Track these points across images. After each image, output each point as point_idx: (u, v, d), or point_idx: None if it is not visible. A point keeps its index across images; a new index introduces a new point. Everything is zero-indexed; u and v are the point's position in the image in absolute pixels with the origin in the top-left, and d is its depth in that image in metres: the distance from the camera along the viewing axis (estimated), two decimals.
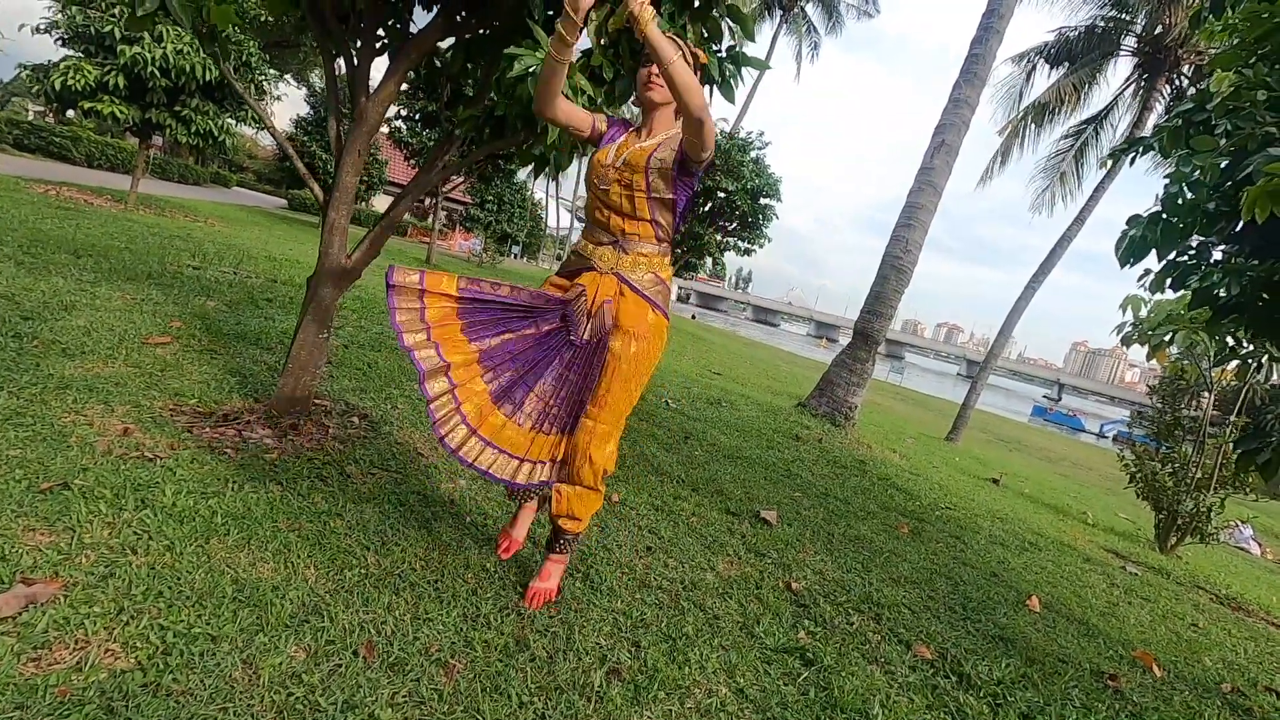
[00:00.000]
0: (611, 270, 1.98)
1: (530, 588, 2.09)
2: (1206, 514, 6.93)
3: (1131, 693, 2.76)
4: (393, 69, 2.70)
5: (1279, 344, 3.07)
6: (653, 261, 2.01)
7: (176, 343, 3.71)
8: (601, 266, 1.99)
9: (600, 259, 2.00)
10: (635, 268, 1.98)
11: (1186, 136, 2.82)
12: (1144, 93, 13.21)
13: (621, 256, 1.99)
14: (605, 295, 1.95)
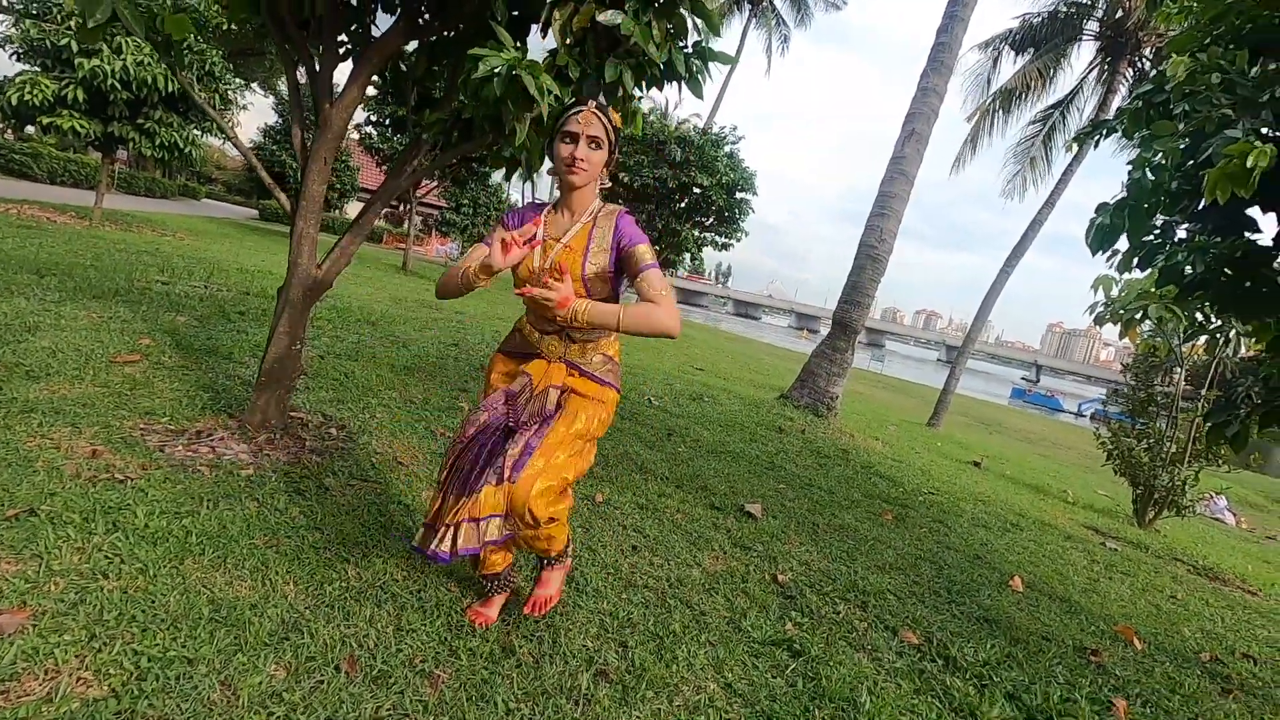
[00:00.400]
0: (560, 358, 1.91)
1: (532, 596, 2.03)
2: (1182, 487, 7.07)
3: (1114, 667, 2.81)
4: (356, 74, 2.67)
5: (1243, 318, 3.13)
6: (600, 345, 1.93)
7: (146, 360, 3.64)
8: (549, 355, 1.92)
9: (547, 348, 1.92)
10: (584, 353, 1.91)
11: (1147, 118, 2.87)
12: (1108, 76, 13.43)
13: (569, 345, 1.91)
14: (553, 381, 1.87)
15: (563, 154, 1.81)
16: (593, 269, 1.83)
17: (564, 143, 1.81)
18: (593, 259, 1.83)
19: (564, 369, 1.90)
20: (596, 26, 2.58)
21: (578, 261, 1.83)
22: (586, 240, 1.85)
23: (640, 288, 1.80)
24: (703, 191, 14.81)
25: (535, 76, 2.24)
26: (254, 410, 2.94)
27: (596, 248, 1.84)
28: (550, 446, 1.78)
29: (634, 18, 2.57)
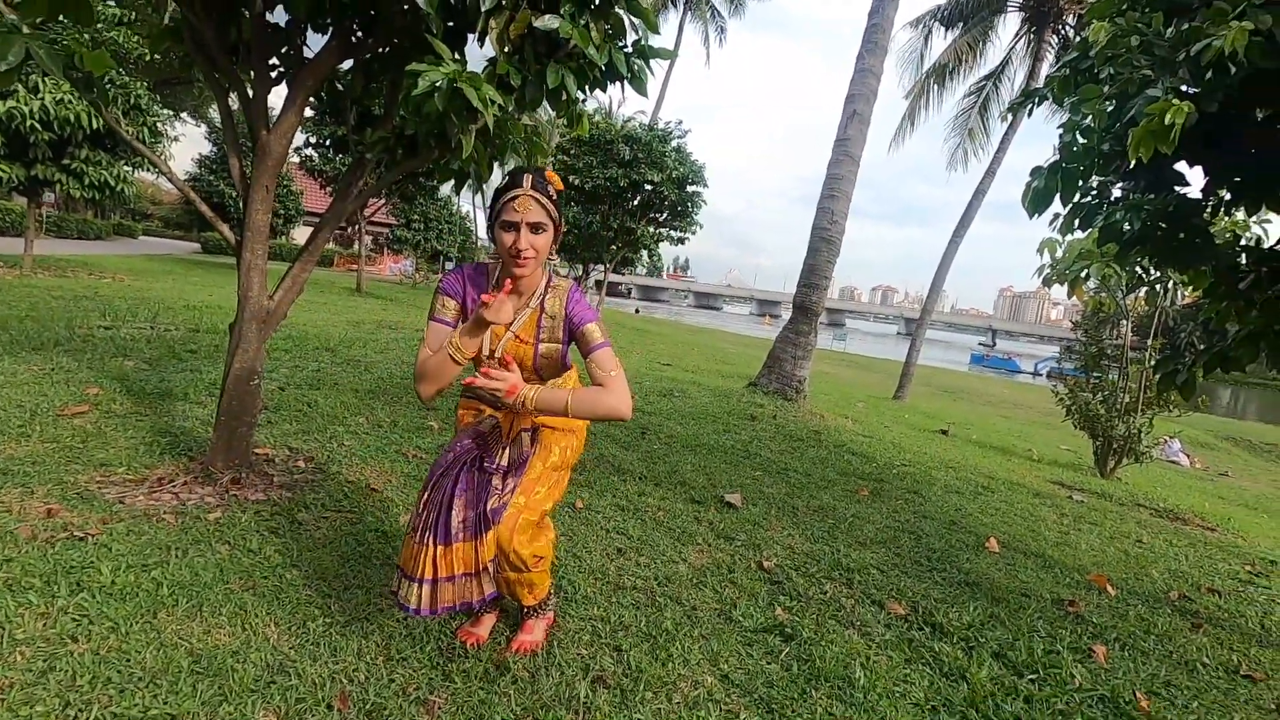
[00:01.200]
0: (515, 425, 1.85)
1: (517, 640, 1.94)
2: (1138, 435, 7.36)
3: (1090, 614, 2.91)
4: (291, 98, 2.60)
5: (1180, 268, 3.26)
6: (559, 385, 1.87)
7: (96, 410, 3.50)
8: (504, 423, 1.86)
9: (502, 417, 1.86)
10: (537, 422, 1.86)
11: (1075, 84, 2.97)
12: (1034, 45, 13.86)
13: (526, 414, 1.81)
14: (522, 425, 1.83)
15: (505, 244, 1.70)
16: (544, 353, 1.79)
17: (504, 231, 1.70)
18: (544, 345, 1.79)
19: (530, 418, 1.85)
20: (534, 32, 2.56)
21: (528, 352, 1.79)
22: (536, 329, 1.79)
23: (590, 370, 1.76)
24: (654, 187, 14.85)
25: (477, 88, 2.22)
26: (216, 451, 2.86)
27: (547, 336, 1.79)
28: (529, 484, 1.78)
29: (571, 21, 2.56)
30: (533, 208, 1.69)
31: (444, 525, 1.68)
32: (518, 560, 1.74)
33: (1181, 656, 2.66)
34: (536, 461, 1.82)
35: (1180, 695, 2.33)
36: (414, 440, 3.83)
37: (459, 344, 1.67)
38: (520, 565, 1.76)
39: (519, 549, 1.73)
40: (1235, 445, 17.66)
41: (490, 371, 1.65)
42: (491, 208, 1.75)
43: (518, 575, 1.79)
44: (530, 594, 1.90)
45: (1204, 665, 2.62)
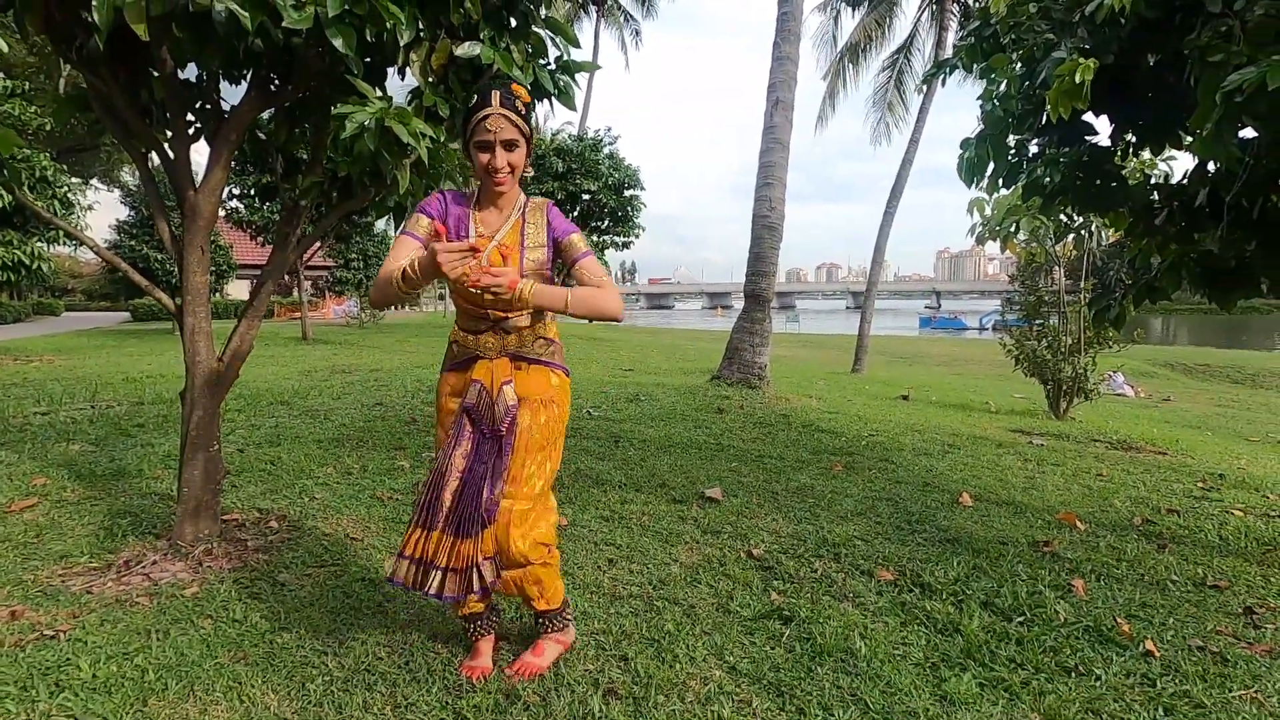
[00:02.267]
0: (501, 353, 1.88)
1: (520, 660, 1.94)
2: (1084, 374, 7.69)
3: (1065, 551, 3.04)
4: (216, 155, 2.54)
5: (1100, 213, 3.44)
6: (537, 329, 1.91)
7: (46, 501, 3.35)
8: (488, 354, 1.88)
9: (485, 348, 1.88)
10: (524, 342, 1.89)
11: (982, 51, 3.12)
12: (937, 15, 14.39)
13: (505, 338, 1.88)
14: (503, 377, 1.85)
15: (481, 164, 1.78)
16: (530, 264, 1.84)
17: (480, 152, 1.77)
18: (530, 254, 1.84)
19: (508, 363, 1.87)
20: (456, 60, 2.57)
21: (514, 259, 1.82)
22: (520, 237, 1.85)
23: (581, 276, 1.83)
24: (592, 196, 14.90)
25: (406, 123, 2.21)
26: (183, 524, 2.76)
27: (531, 243, 1.85)
28: (515, 472, 1.82)
29: (492, 45, 2.57)
30: (505, 125, 1.74)
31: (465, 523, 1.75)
32: (519, 555, 1.79)
33: (1153, 578, 2.80)
34: (519, 446, 1.83)
35: (1156, 614, 2.46)
36: (386, 483, 3.76)
37: (414, 269, 1.70)
38: (522, 560, 1.80)
39: (516, 543, 1.78)
40: (1173, 370, 18.61)
41: (488, 270, 1.66)
42: (463, 129, 1.81)
43: (521, 571, 1.84)
44: (541, 596, 1.92)
45: (1174, 582, 2.77)
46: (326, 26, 2.14)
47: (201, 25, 2.06)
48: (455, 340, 1.96)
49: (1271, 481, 4.75)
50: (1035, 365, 8.01)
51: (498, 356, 1.88)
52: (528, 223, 1.86)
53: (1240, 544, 3.30)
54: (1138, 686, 1.99)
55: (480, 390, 1.84)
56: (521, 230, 1.85)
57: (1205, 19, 2.34)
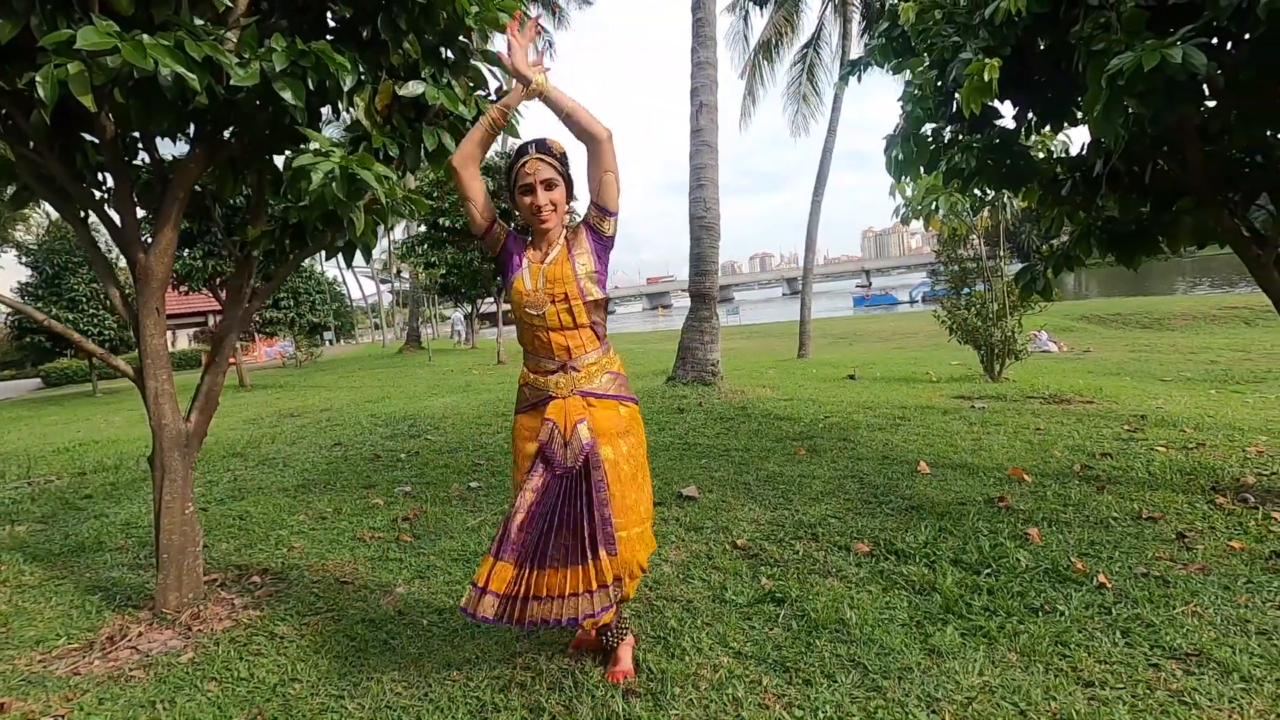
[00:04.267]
0: (572, 391, 1.98)
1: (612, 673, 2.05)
2: (1013, 336, 8.19)
3: (1018, 504, 3.30)
4: (165, 214, 2.51)
5: (1013, 189, 3.74)
6: (602, 363, 2.02)
7: (5, 587, 3.20)
8: (560, 393, 1.98)
9: (555, 387, 1.98)
10: (591, 378, 1.99)
11: (893, 51, 3.35)
12: (841, 8, 14.99)
13: (575, 376, 1.98)
14: (576, 416, 1.95)
15: (526, 205, 1.98)
16: (582, 269, 1.98)
17: (523, 195, 1.98)
18: (580, 263, 1.99)
19: (580, 401, 1.98)
20: (400, 99, 2.62)
21: (568, 270, 1.97)
22: (568, 253, 2.00)
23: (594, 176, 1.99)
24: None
25: (369, 168, 2.25)
26: (166, 592, 2.71)
27: (580, 253, 2.01)
28: (620, 508, 1.95)
29: (434, 83, 2.63)
30: (542, 166, 1.97)
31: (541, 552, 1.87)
32: (637, 570, 2.01)
33: (1096, 518, 3.08)
34: (612, 486, 1.94)
35: (1104, 550, 2.72)
36: (364, 523, 3.74)
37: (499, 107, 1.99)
38: (639, 572, 2.03)
39: (641, 561, 2.01)
40: (1089, 323, 19.85)
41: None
42: (507, 182, 2.04)
43: (634, 581, 2.04)
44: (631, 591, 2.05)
45: (1115, 520, 3.05)
46: (274, 80, 2.16)
47: (146, 90, 2.05)
48: (526, 384, 2.07)
49: (1187, 417, 5.21)
50: (968, 333, 8.48)
51: (570, 395, 1.97)
52: (573, 243, 2.03)
53: (1166, 477, 3.63)
54: (1096, 616, 2.21)
55: (553, 429, 1.94)
56: (569, 251, 2.01)
57: (1086, 11, 2.61)
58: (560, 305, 1.95)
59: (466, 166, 1.97)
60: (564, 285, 1.95)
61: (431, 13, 2.59)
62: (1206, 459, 3.91)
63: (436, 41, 2.71)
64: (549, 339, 1.98)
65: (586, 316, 1.98)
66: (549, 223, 1.99)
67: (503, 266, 2.06)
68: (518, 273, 2.00)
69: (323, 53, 2.20)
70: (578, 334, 1.98)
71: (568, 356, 1.98)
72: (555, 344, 1.98)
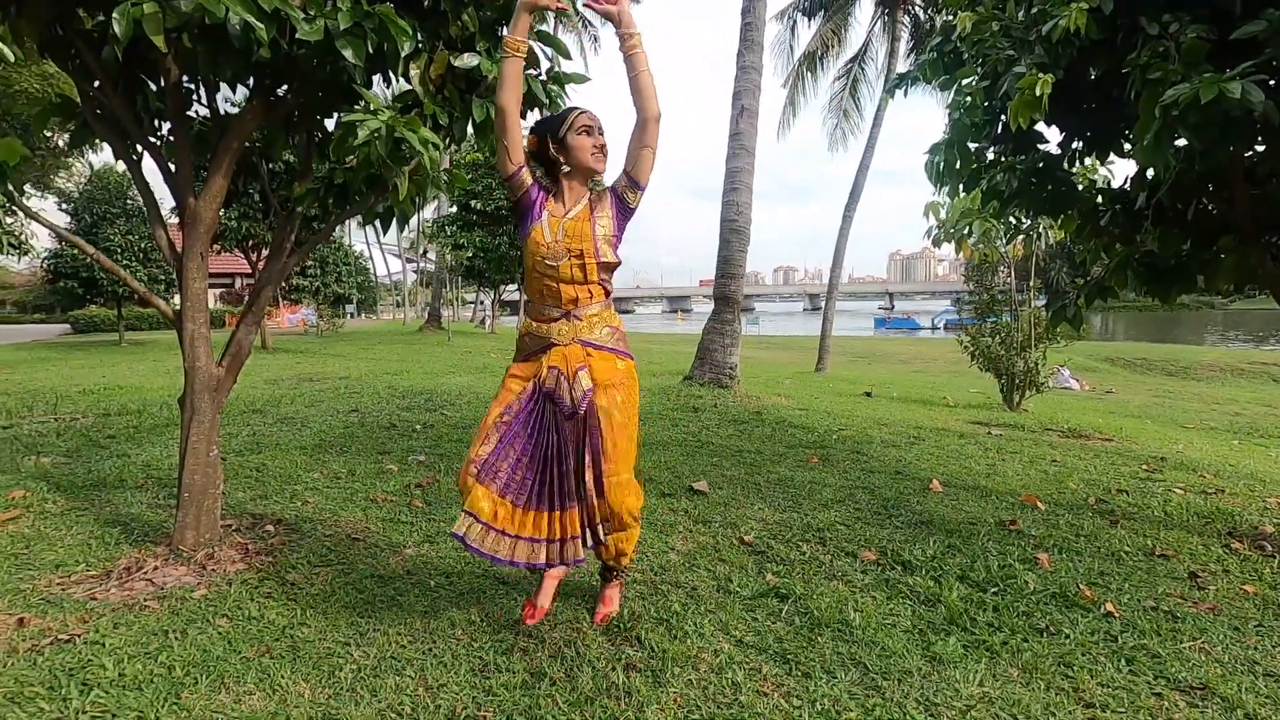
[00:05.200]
0: (573, 339, 2.07)
1: (598, 613, 2.23)
2: (1035, 368, 8.11)
3: (1029, 529, 3.28)
4: (217, 162, 2.58)
5: (1052, 216, 3.71)
6: (604, 316, 2.12)
7: (28, 513, 3.29)
8: (561, 340, 2.07)
9: (558, 334, 2.07)
10: (593, 329, 2.09)
11: (943, 66, 3.35)
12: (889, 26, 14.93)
13: (577, 324, 2.07)
14: (576, 364, 2.04)
15: (589, 145, 2.08)
16: (601, 230, 2.08)
17: (584, 134, 2.08)
18: (600, 224, 2.08)
19: (580, 349, 2.06)
20: (454, 71, 2.66)
21: (587, 229, 2.06)
22: (590, 212, 2.09)
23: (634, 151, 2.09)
24: None
25: (415, 131, 2.29)
26: (184, 530, 2.77)
27: (601, 215, 2.10)
28: (609, 450, 2.03)
29: (488, 57, 2.67)
30: (596, 119, 2.12)
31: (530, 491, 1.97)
32: (629, 519, 2.08)
33: (1108, 549, 3.05)
34: (605, 433, 2.04)
35: (1114, 581, 2.70)
36: (378, 486, 3.80)
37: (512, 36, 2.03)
38: (631, 522, 2.09)
39: (631, 508, 2.07)
40: (1114, 365, 19.59)
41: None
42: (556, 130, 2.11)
43: (628, 532, 2.11)
44: (627, 553, 2.17)
45: (1126, 553, 3.02)
46: (336, 38, 2.21)
47: (214, 37, 2.11)
48: (527, 333, 2.14)
49: (1207, 463, 5.14)
50: (990, 360, 8.41)
51: (570, 343, 2.06)
52: (596, 205, 2.12)
53: (1183, 518, 3.59)
54: (1102, 642, 2.20)
55: (559, 375, 2.03)
56: (591, 210, 2.10)
57: (1144, 40, 2.60)
58: (574, 260, 2.03)
59: (508, 101, 2.02)
60: (581, 242, 2.03)
61: None
62: (1225, 505, 3.86)
63: (495, 17, 2.76)
64: (558, 289, 2.06)
65: (597, 274, 2.08)
66: (603, 165, 2.12)
67: (523, 212, 2.11)
68: (537, 222, 2.07)
69: (385, 15, 2.25)
70: (586, 287, 2.07)
71: (574, 306, 2.07)
72: (564, 294, 2.06)
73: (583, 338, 2.07)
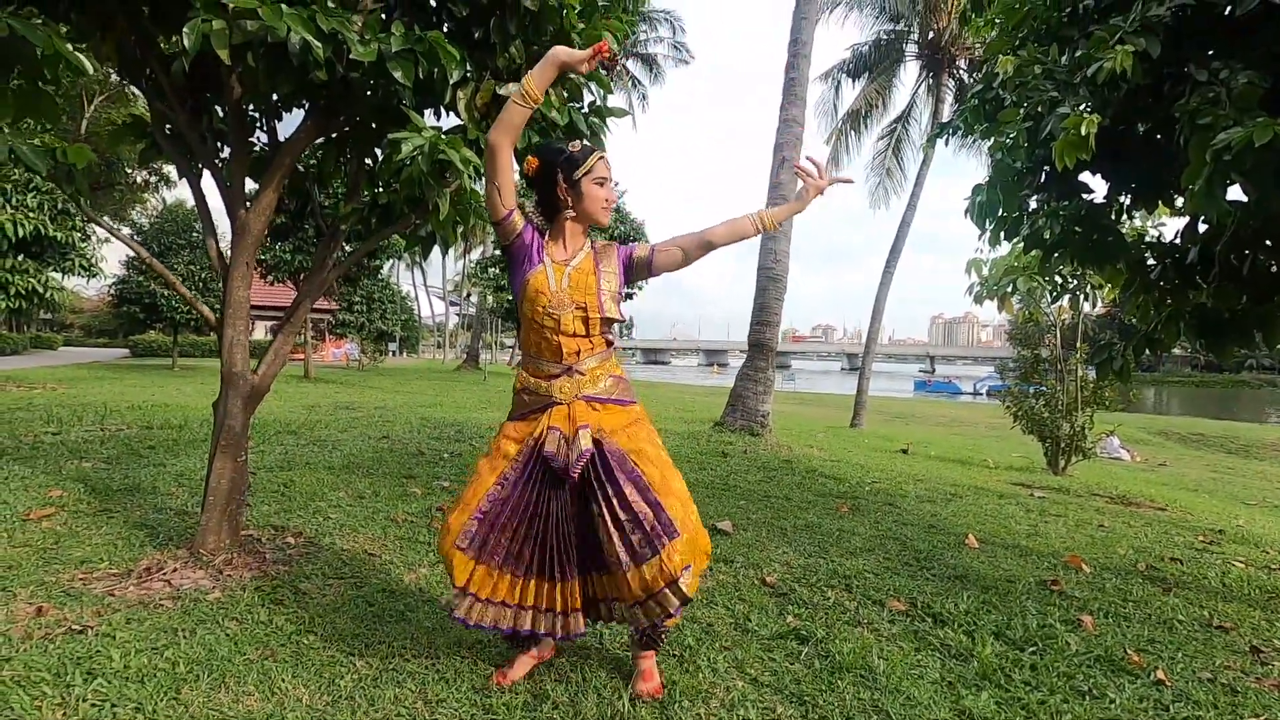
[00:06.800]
0: (576, 397, 1.91)
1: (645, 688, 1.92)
2: (1082, 432, 7.79)
3: (1072, 591, 3.08)
4: (269, 177, 2.70)
5: (1097, 266, 3.61)
6: (606, 367, 1.97)
7: (63, 512, 3.37)
8: (563, 398, 1.91)
9: (559, 391, 1.91)
10: (595, 382, 1.93)
11: (984, 113, 3.34)
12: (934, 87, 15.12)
13: (580, 379, 1.92)
14: (581, 421, 1.88)
15: (600, 196, 1.96)
16: (606, 285, 1.95)
17: (598, 185, 1.95)
18: (605, 279, 1.96)
19: (585, 407, 1.91)
20: (499, 100, 2.76)
21: (592, 281, 1.93)
22: (595, 264, 1.97)
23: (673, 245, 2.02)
24: None
25: (457, 150, 2.37)
26: (206, 533, 2.80)
27: (606, 269, 1.98)
28: (661, 486, 1.86)
29: None
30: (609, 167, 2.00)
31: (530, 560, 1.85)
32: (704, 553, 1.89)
33: (1159, 617, 2.84)
34: (647, 467, 1.88)
35: (1165, 649, 2.50)
36: (400, 507, 3.79)
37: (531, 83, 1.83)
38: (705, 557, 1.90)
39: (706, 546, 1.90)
40: (1167, 439, 18.70)
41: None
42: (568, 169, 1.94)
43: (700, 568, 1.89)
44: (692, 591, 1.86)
45: (1180, 622, 2.80)
46: (388, 60, 2.33)
47: (274, 56, 2.24)
48: (524, 388, 1.97)
49: (1271, 539, 4.80)
50: (1034, 422, 8.11)
51: (573, 400, 1.90)
52: (601, 257, 2.00)
53: (1243, 591, 3.34)
54: (1151, 710, 2.02)
55: (560, 439, 1.86)
56: (595, 262, 1.97)
57: (1194, 86, 2.55)
58: (578, 313, 1.90)
59: (502, 141, 1.85)
60: (585, 295, 1.90)
61: (540, 23, 2.76)
62: None
63: (541, 50, 2.86)
64: (558, 342, 1.91)
65: (599, 328, 1.95)
66: (608, 219, 2.02)
67: (516, 257, 1.95)
68: (537, 268, 1.92)
69: (436, 41, 2.35)
70: (589, 340, 1.94)
71: (575, 359, 1.92)
72: (565, 348, 1.91)
73: (585, 393, 1.91)
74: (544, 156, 1.97)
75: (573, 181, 1.93)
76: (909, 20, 15.13)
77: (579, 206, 1.95)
